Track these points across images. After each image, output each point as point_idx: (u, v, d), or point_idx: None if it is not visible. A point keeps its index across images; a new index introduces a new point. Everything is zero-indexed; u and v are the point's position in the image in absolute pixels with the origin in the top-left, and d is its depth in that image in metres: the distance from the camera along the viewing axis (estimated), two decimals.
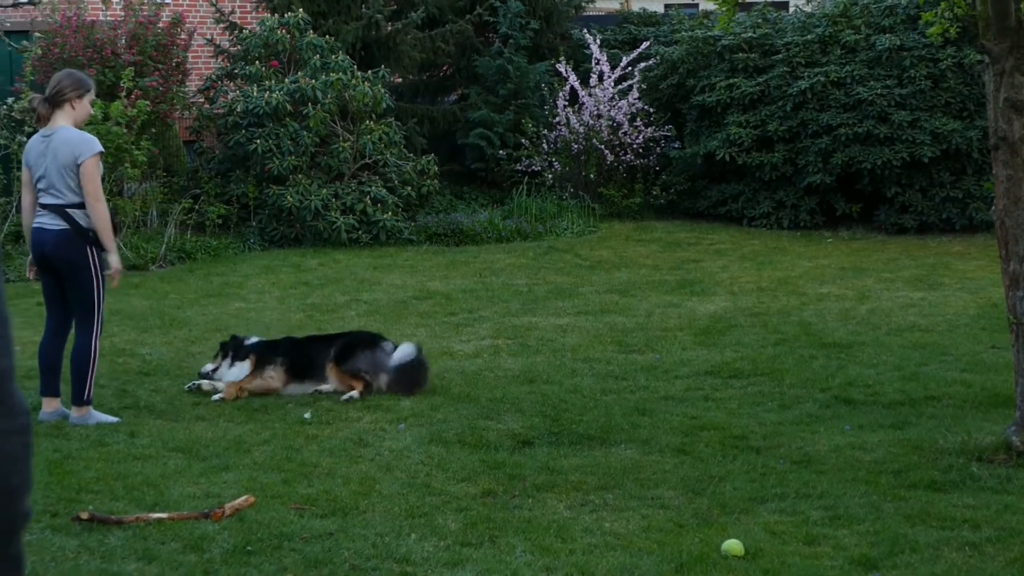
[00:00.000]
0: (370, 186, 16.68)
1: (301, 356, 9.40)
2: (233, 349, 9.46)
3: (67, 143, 8.20)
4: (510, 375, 9.76)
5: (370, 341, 9.58)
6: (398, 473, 7.29)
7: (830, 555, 5.94)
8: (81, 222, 8.26)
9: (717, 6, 8.87)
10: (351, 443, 7.91)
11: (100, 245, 8.33)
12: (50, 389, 8.51)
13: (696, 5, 27.06)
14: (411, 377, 9.29)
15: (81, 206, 8.25)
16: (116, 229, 8.71)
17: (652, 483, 7.07)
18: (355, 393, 9.10)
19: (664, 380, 9.62)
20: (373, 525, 6.33)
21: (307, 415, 8.60)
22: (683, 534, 6.22)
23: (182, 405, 8.91)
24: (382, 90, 16.97)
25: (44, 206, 8.33)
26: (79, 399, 8.37)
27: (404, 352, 9.42)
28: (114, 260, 8.43)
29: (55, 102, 8.30)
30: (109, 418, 8.43)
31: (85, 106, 8.43)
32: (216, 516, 6.34)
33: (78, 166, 8.18)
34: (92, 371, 8.38)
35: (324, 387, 9.29)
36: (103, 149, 8.46)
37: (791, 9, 24.11)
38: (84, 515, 6.31)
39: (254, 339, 9.69)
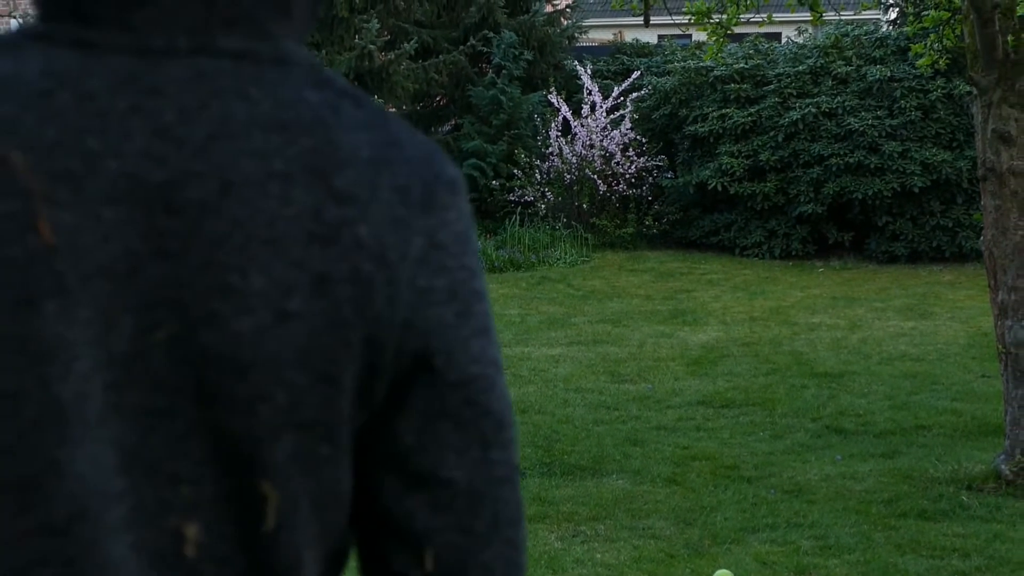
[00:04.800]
0: None
1: None
2: None
3: None
4: None
5: None
6: None
7: None
8: None
9: (708, 35, 8.95)
10: None
11: None
12: None
13: (689, 36, 27.15)
14: None
15: None
16: None
17: (643, 513, 7.09)
18: None
19: (656, 410, 9.64)
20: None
21: None
22: (674, 564, 6.24)
23: None
24: None
25: None
26: None
27: None
28: None
29: None
30: None
31: None
32: None
33: None
34: None
35: None
36: None
37: (783, 40, 24.20)
38: None
39: None
